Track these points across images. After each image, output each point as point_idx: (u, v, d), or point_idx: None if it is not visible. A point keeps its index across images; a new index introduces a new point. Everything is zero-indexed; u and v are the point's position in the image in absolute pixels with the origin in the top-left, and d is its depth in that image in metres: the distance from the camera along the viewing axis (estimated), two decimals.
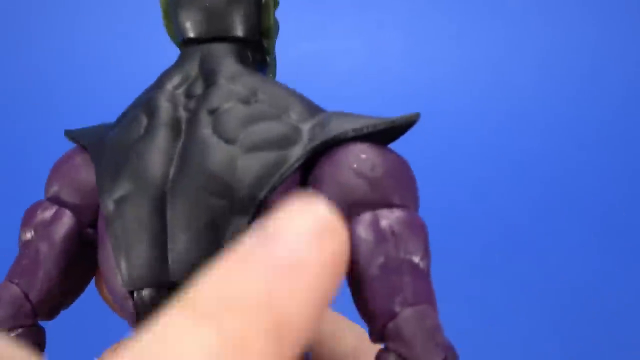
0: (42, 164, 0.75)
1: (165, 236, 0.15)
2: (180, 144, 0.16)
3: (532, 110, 0.76)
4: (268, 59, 0.19)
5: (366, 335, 0.19)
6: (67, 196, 0.17)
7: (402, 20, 0.80)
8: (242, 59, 0.17)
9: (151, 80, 0.19)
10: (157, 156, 0.15)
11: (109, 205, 0.16)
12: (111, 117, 0.25)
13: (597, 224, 0.69)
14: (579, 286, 0.64)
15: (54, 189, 0.18)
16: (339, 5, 0.80)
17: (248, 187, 0.14)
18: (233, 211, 0.14)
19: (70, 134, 0.19)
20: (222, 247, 0.14)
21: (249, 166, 0.15)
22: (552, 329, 0.60)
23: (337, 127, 0.15)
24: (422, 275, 0.14)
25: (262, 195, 0.14)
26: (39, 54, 0.76)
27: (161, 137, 0.16)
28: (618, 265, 0.66)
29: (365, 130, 0.15)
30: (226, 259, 0.10)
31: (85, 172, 0.18)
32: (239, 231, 0.14)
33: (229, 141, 0.15)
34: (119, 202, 0.15)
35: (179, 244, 0.15)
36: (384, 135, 0.15)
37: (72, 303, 0.18)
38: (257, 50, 0.18)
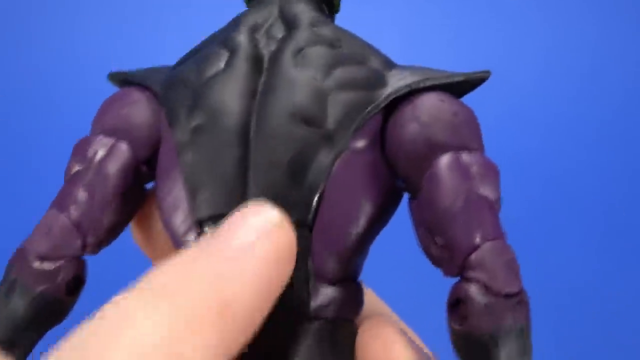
0: (42, 164, 0.75)
1: (244, 165, 0.15)
2: (262, 79, 0.16)
3: (532, 109, 0.76)
4: (334, 16, 0.19)
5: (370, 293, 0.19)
6: (125, 130, 0.17)
7: (401, 20, 0.80)
8: (319, 9, 0.18)
9: None
10: (238, 88, 0.16)
11: (182, 135, 0.15)
12: None
13: (597, 223, 0.69)
14: (579, 286, 0.63)
15: (111, 122, 0.17)
16: None
17: (337, 121, 0.15)
18: (321, 143, 0.15)
19: (119, 77, 0.18)
20: (305, 178, 0.15)
21: (339, 101, 0.15)
22: (552, 329, 0.60)
23: (417, 77, 0.16)
24: (497, 214, 0.15)
25: (350, 130, 0.15)
26: (39, 54, 0.76)
27: (243, 71, 0.16)
28: (618, 265, 0.66)
29: (443, 81, 0.16)
30: (183, 251, 0.11)
31: (144, 108, 0.17)
32: (323, 165, 0.15)
33: (317, 78, 0.15)
34: (196, 131, 0.15)
35: (261, 172, 0.15)
36: (456, 89, 0.16)
37: (115, 239, 0.18)
38: (327, 5, 0.19)
